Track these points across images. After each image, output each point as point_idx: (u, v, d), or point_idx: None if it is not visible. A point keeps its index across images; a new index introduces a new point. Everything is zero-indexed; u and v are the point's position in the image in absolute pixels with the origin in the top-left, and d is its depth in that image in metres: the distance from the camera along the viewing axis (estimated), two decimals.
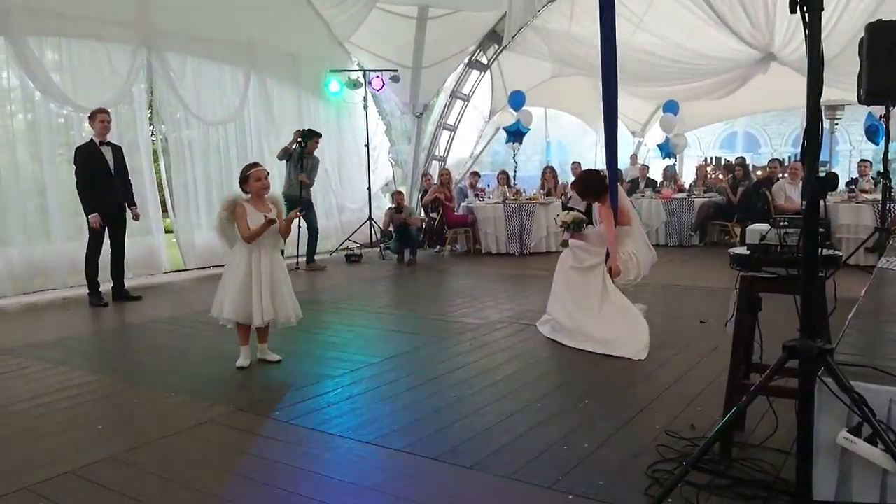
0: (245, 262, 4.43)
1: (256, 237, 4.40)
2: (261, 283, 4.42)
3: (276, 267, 4.52)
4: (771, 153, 21.47)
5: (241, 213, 4.41)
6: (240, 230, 4.43)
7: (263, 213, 4.44)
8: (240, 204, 4.45)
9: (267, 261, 4.47)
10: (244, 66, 9.75)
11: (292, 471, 2.91)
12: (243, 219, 4.40)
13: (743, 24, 9.87)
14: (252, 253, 4.44)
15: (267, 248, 4.48)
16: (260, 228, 4.38)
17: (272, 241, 4.53)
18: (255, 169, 4.54)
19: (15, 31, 7.08)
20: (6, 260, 7.28)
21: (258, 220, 4.39)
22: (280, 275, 4.55)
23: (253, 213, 4.43)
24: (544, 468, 2.86)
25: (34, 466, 2.98)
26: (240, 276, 4.42)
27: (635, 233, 5.42)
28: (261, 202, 4.50)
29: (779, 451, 2.84)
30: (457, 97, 12.91)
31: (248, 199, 4.50)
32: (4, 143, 7.37)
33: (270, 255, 4.50)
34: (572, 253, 5.29)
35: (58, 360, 4.81)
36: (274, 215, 4.47)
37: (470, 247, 11.07)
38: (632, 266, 5.23)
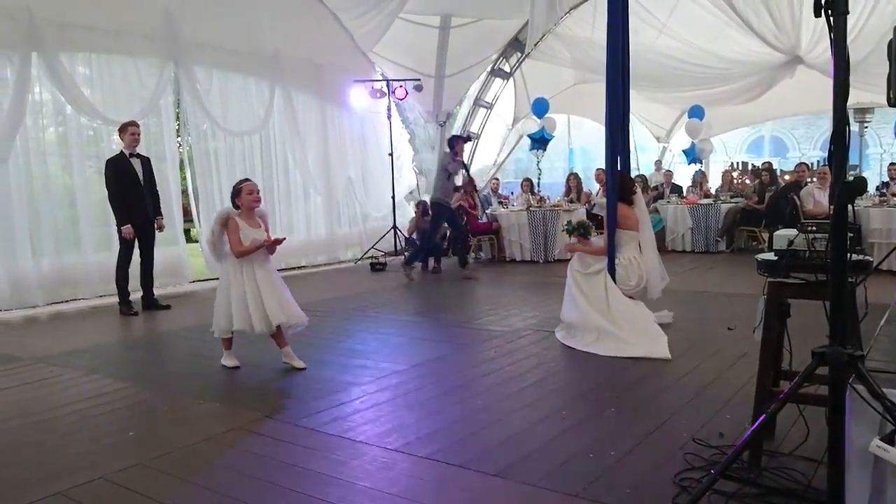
0: (240, 274, 4.55)
1: (245, 255, 4.51)
2: (260, 292, 4.53)
3: (270, 275, 4.65)
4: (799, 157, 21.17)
5: (233, 228, 4.51)
6: (231, 245, 4.53)
7: (253, 227, 4.58)
8: (232, 218, 4.55)
9: (261, 271, 4.59)
10: (269, 77, 9.88)
11: (319, 477, 2.93)
12: (235, 233, 4.50)
13: (768, 26, 9.78)
14: (244, 265, 4.56)
15: (258, 260, 4.60)
16: (250, 249, 4.51)
17: (261, 253, 4.63)
18: (246, 183, 4.64)
19: (47, 48, 7.26)
20: (38, 269, 7.45)
21: (249, 234, 4.52)
22: (277, 280, 4.68)
23: (244, 227, 4.54)
24: (571, 476, 2.84)
25: (68, 472, 3.04)
26: (238, 289, 4.54)
27: (645, 245, 5.44)
28: (251, 217, 4.62)
29: (810, 459, 2.79)
30: (480, 105, 12.96)
31: (240, 214, 4.60)
32: (36, 155, 7.55)
33: (262, 264, 4.62)
34: (579, 258, 5.43)
35: (90, 368, 4.91)
36: (263, 230, 4.62)
37: (494, 254, 11.07)
38: (632, 271, 5.26)
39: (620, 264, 5.25)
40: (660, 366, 4.53)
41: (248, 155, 9.93)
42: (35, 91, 7.49)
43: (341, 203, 11.44)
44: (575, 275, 5.35)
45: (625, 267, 5.25)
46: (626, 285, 5.22)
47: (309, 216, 10.96)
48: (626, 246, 5.32)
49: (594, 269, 5.27)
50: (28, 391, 4.42)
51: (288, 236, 10.19)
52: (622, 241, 5.30)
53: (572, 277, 5.37)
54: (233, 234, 4.50)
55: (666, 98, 14.08)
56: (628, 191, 5.39)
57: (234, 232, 4.50)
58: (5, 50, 7.04)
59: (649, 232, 5.62)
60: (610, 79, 5.23)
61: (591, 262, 5.33)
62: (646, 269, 5.34)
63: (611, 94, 5.24)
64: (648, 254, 5.45)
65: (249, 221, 4.60)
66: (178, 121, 9.36)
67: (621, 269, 5.24)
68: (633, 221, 5.37)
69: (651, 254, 5.48)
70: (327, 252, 11.16)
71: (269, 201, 10.13)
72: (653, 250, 5.54)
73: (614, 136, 5.28)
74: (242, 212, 4.60)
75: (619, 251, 5.29)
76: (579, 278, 5.31)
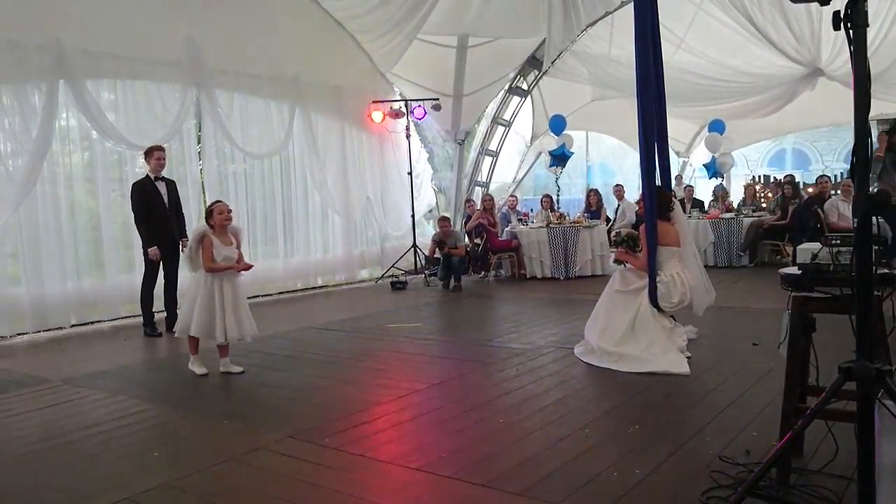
0: (209, 286, 5.04)
1: (216, 272, 5.02)
2: (223, 305, 5.03)
3: (236, 290, 5.14)
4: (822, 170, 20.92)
5: (207, 244, 5.02)
6: (203, 260, 5.03)
7: (226, 244, 5.09)
8: (207, 236, 5.04)
9: (229, 285, 5.09)
10: (289, 100, 10.01)
11: (342, 497, 2.93)
12: (209, 250, 5.01)
13: (787, 39, 9.72)
14: (215, 279, 5.05)
15: (227, 276, 5.10)
16: (220, 267, 5.03)
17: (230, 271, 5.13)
18: (217, 204, 5.20)
19: (74, 76, 7.42)
20: (64, 291, 7.56)
21: (221, 251, 5.04)
22: (240, 297, 5.17)
23: (217, 244, 5.05)
24: (595, 495, 2.81)
25: (95, 493, 3.07)
26: (205, 299, 5.02)
27: (687, 260, 5.34)
28: (223, 234, 5.12)
29: (840, 476, 2.74)
30: (498, 123, 13.00)
31: (214, 232, 5.08)
32: (63, 179, 7.70)
33: (231, 280, 5.12)
34: (621, 275, 5.35)
35: (115, 389, 4.96)
36: (235, 246, 5.15)
37: (514, 272, 11.05)
38: (674, 288, 5.13)
39: (662, 282, 5.12)
40: (684, 383, 4.48)
41: (268, 176, 10.05)
42: (62, 117, 7.66)
43: (360, 223, 11.51)
44: (613, 295, 5.28)
45: (666, 284, 5.12)
46: (668, 303, 5.12)
47: (327, 236, 11.04)
48: (667, 262, 5.20)
49: (635, 287, 5.20)
50: (54, 413, 4.48)
51: (306, 256, 10.47)
52: (663, 257, 5.18)
53: (608, 297, 5.31)
54: (206, 250, 5.01)
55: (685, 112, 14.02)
56: (666, 206, 5.30)
57: (208, 249, 5.01)
58: (34, 79, 7.22)
59: (691, 246, 5.50)
60: (640, 93, 5.16)
61: (634, 279, 5.26)
62: (690, 286, 5.22)
63: (641, 108, 5.17)
64: (692, 268, 5.33)
65: (222, 238, 5.10)
66: (199, 144, 9.50)
67: (663, 286, 5.11)
68: (673, 237, 5.26)
69: (694, 268, 5.36)
70: (346, 271, 11.21)
71: (288, 222, 10.25)
72: (696, 264, 5.43)
73: (649, 151, 5.20)
74: (216, 229, 5.09)
75: (661, 268, 5.16)
76: (617, 298, 5.25)
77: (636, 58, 5.18)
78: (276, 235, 10.13)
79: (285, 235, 10.23)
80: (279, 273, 10.13)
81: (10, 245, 7.34)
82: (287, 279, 10.26)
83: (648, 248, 5.12)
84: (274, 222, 10.09)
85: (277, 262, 10.11)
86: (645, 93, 5.15)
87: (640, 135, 5.22)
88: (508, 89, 12.74)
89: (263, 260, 9.86)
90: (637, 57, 5.17)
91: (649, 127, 5.19)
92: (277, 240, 10.15)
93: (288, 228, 10.27)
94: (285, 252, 10.22)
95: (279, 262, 10.13)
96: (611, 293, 5.32)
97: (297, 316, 8.12)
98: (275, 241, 10.13)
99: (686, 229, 5.51)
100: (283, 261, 10.18)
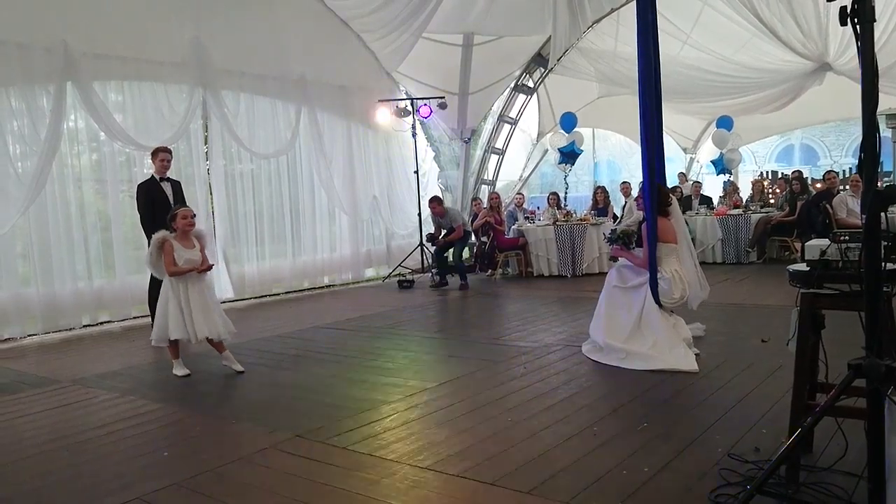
0: (177, 290, 5.14)
1: (178, 275, 5.11)
2: (191, 307, 5.13)
3: (204, 291, 5.26)
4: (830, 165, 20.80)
5: (168, 250, 5.11)
6: (165, 264, 5.13)
7: (188, 248, 5.18)
8: (168, 241, 5.14)
9: (195, 287, 5.18)
10: (295, 100, 10.03)
11: (351, 496, 2.94)
12: (170, 255, 5.10)
13: (794, 34, 9.68)
14: (180, 283, 5.15)
15: (192, 278, 5.18)
16: (182, 270, 5.11)
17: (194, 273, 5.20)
18: (181, 209, 5.30)
19: (81, 77, 7.47)
20: (75, 292, 7.62)
21: (183, 254, 5.13)
22: (207, 298, 5.28)
23: (179, 248, 5.14)
24: (604, 493, 2.81)
25: (105, 492, 3.09)
26: (176, 303, 5.12)
27: (683, 256, 5.33)
28: (185, 238, 5.22)
29: (850, 474, 2.73)
30: (504, 121, 12.99)
31: (175, 236, 5.17)
32: (72, 181, 7.75)
33: (196, 282, 5.21)
34: (618, 272, 5.36)
35: (125, 390, 4.99)
36: (198, 249, 5.23)
37: (521, 270, 11.04)
38: (675, 285, 5.12)
39: (664, 278, 5.10)
40: (692, 381, 4.47)
41: (275, 176, 10.09)
42: (70, 119, 7.71)
43: (367, 222, 11.54)
44: (612, 291, 5.28)
45: (668, 281, 5.11)
46: (669, 299, 5.11)
47: (334, 235, 11.06)
48: (666, 259, 5.19)
49: (633, 284, 5.20)
50: (64, 413, 4.51)
51: (313, 255, 10.50)
52: (662, 254, 5.17)
53: (607, 293, 5.31)
54: (167, 255, 5.11)
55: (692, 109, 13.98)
56: (664, 202, 5.29)
57: (169, 253, 5.10)
58: (42, 81, 7.26)
59: (688, 242, 5.48)
60: (643, 90, 5.14)
61: (631, 276, 5.26)
62: (687, 281, 5.23)
63: (644, 104, 5.15)
64: (687, 264, 5.32)
65: (184, 243, 5.20)
66: (206, 145, 9.53)
67: (665, 283, 5.10)
68: (672, 234, 5.25)
69: (689, 264, 5.35)
70: (353, 270, 11.25)
71: (295, 221, 10.28)
72: (691, 260, 5.41)
73: (650, 148, 5.17)
74: (177, 234, 5.19)
75: (661, 265, 5.15)
76: (617, 294, 5.25)
77: (638, 54, 5.17)
78: (283, 235, 10.17)
79: (292, 235, 10.27)
80: (286, 272, 10.17)
81: (20, 246, 7.40)
82: (294, 279, 10.30)
83: (648, 245, 5.12)
84: (281, 221, 10.13)
85: (285, 261, 10.15)
86: (647, 89, 5.14)
87: (641, 131, 5.21)
88: (514, 87, 12.72)
89: (271, 259, 9.92)
90: (639, 53, 5.15)
91: (650, 124, 5.17)
92: (285, 239, 10.19)
93: (295, 228, 10.31)
94: (293, 251, 10.26)
95: (286, 261, 10.17)
96: (609, 290, 5.32)
97: (305, 315, 8.15)
98: (282, 240, 10.17)
99: (683, 226, 5.49)
100: (290, 260, 10.22)
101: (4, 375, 5.54)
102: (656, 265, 5.10)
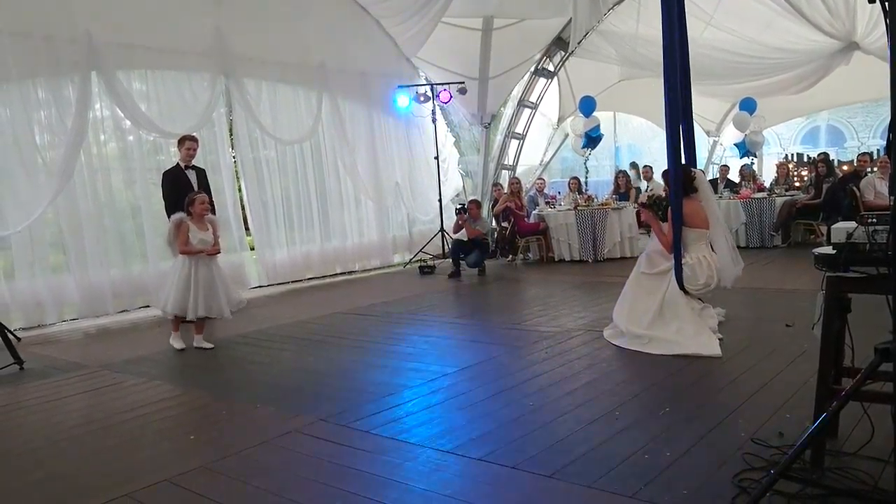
0: (186, 268, 5.62)
1: (188, 254, 5.59)
2: (198, 286, 5.60)
3: (212, 272, 5.72)
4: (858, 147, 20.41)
5: (183, 230, 5.62)
6: (179, 243, 5.64)
7: (202, 230, 5.68)
8: (185, 222, 5.64)
9: (204, 267, 5.67)
10: (316, 87, 10.06)
11: (374, 479, 2.98)
12: (185, 234, 5.61)
13: (820, 13, 9.46)
14: (191, 261, 5.62)
15: (203, 259, 5.67)
16: (193, 250, 5.60)
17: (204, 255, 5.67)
18: (198, 195, 5.83)
19: (106, 67, 7.55)
20: (109, 279, 7.76)
21: (197, 235, 5.63)
22: (214, 278, 5.72)
23: (194, 230, 5.64)
24: (625, 477, 2.82)
25: (134, 475, 3.16)
26: (181, 279, 5.60)
27: (716, 239, 5.23)
28: (201, 222, 5.72)
29: (876, 459, 2.71)
30: (524, 106, 12.90)
31: (191, 219, 5.67)
32: (99, 169, 7.86)
33: (207, 262, 5.71)
34: (647, 258, 5.30)
35: (152, 375, 5.08)
36: (210, 233, 5.73)
37: (542, 255, 11.01)
38: (700, 271, 5.06)
39: (687, 264, 5.04)
40: (715, 365, 4.44)
41: (300, 163, 10.15)
42: (96, 108, 7.80)
43: (391, 208, 11.58)
44: (640, 277, 5.24)
45: (692, 267, 5.05)
46: (694, 285, 5.06)
47: (361, 221, 11.13)
48: (693, 245, 5.11)
49: (660, 270, 5.15)
50: (93, 398, 4.61)
51: (343, 241, 10.58)
52: (689, 239, 5.10)
53: (635, 279, 5.26)
54: (182, 234, 5.61)
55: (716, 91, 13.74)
56: (687, 184, 5.14)
57: (184, 233, 5.61)
58: (67, 71, 7.35)
59: (722, 226, 5.33)
60: (667, 72, 5.05)
61: (660, 261, 5.19)
62: (716, 268, 5.11)
63: (669, 86, 5.05)
64: (721, 247, 5.19)
65: (199, 225, 5.69)
66: (231, 133, 9.62)
67: (688, 269, 5.04)
68: (701, 219, 5.14)
69: (723, 246, 5.21)
70: (381, 256, 11.32)
71: (322, 208, 10.35)
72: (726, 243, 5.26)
73: (675, 130, 5.07)
74: (194, 217, 5.69)
75: (686, 251, 5.08)
76: (644, 280, 5.21)
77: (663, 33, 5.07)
78: (311, 221, 10.26)
79: (321, 221, 10.36)
80: (316, 259, 10.27)
81: (49, 234, 7.53)
82: (324, 265, 10.40)
83: (673, 229, 5.05)
84: (309, 208, 10.22)
85: (314, 247, 10.26)
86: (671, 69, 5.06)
87: (665, 112, 5.12)
88: (534, 71, 12.61)
89: (301, 246, 10.03)
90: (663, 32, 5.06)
91: (675, 104, 5.09)
92: (313, 226, 10.29)
93: (322, 214, 10.39)
94: (321, 238, 10.36)
95: (315, 247, 10.28)
96: (637, 275, 5.28)
97: (328, 301, 8.21)
98: (311, 226, 10.27)
99: (715, 210, 5.35)
100: (319, 246, 10.32)
101: (36, 361, 5.66)
102: (681, 250, 5.05)
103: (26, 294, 7.20)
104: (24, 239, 7.18)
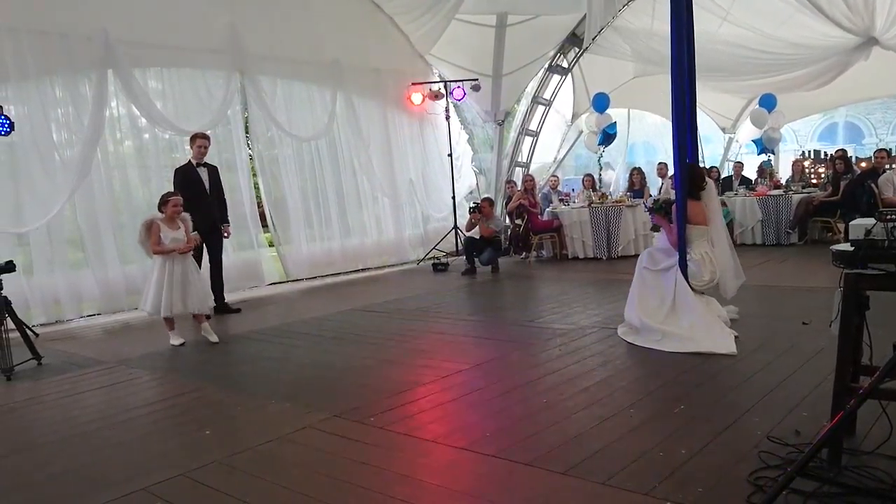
0: (161, 267, 5.73)
1: (162, 254, 5.69)
2: (173, 284, 5.71)
3: (186, 270, 5.81)
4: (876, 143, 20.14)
5: (155, 230, 5.70)
6: (151, 244, 5.72)
7: (174, 229, 5.77)
8: (155, 223, 5.73)
9: (178, 265, 5.76)
10: (331, 84, 10.09)
11: (388, 475, 2.98)
12: (156, 234, 5.69)
13: (839, 8, 9.34)
14: (166, 260, 5.72)
15: (177, 258, 5.75)
16: (165, 249, 5.69)
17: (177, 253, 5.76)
18: (173, 197, 5.90)
19: (121, 65, 7.62)
20: (126, 276, 7.83)
21: (169, 234, 5.73)
22: (190, 275, 5.84)
23: (165, 229, 5.73)
24: (640, 474, 2.80)
25: (150, 469, 3.19)
26: (157, 279, 5.73)
27: (717, 239, 5.26)
28: (172, 221, 5.81)
29: (894, 457, 2.68)
30: (538, 102, 12.86)
31: (163, 219, 5.76)
32: (115, 166, 7.94)
33: (181, 261, 5.79)
34: (649, 255, 5.36)
35: (167, 370, 5.13)
36: (182, 231, 5.82)
37: (556, 252, 10.98)
38: (704, 267, 5.10)
39: (692, 260, 5.10)
40: (731, 363, 4.41)
41: (317, 160, 10.20)
42: (112, 106, 7.87)
43: (405, 205, 11.60)
44: (644, 273, 5.26)
45: (697, 263, 5.10)
46: (699, 281, 5.09)
47: (378, 218, 11.17)
48: (696, 241, 5.17)
49: (664, 266, 5.18)
50: (109, 392, 4.66)
51: (361, 239, 10.60)
52: (692, 236, 5.16)
53: (640, 276, 5.29)
54: (154, 235, 5.69)
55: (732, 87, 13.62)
56: (698, 184, 5.21)
57: (155, 234, 5.69)
58: (84, 69, 7.42)
59: (721, 226, 5.39)
60: (674, 70, 5.07)
61: (662, 258, 5.24)
62: (719, 265, 5.17)
63: (676, 84, 5.07)
64: (721, 249, 5.26)
65: (171, 225, 5.79)
66: (247, 132, 9.68)
67: (693, 265, 5.10)
68: (702, 216, 5.20)
69: (724, 249, 5.28)
70: (397, 253, 11.36)
71: (339, 204, 10.38)
72: (726, 245, 5.33)
73: (681, 128, 5.10)
74: (165, 217, 5.78)
75: (690, 247, 5.14)
76: (648, 276, 5.23)
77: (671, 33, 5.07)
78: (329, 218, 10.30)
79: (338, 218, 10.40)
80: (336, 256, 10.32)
81: (67, 231, 7.60)
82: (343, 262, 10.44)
83: (677, 226, 5.07)
84: (327, 206, 10.25)
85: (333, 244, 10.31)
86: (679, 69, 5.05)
87: (672, 111, 5.14)
88: (548, 68, 12.57)
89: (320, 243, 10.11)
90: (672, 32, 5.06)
91: (682, 103, 5.08)
92: (331, 223, 10.33)
93: (340, 211, 10.43)
94: (340, 234, 10.40)
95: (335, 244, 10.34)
96: (640, 271, 5.30)
97: (342, 298, 8.24)
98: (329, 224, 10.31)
99: (717, 209, 5.40)
100: (338, 243, 10.38)
101: (54, 356, 5.72)
102: (685, 246, 5.07)
103: (45, 290, 7.30)
104: (43, 236, 7.28)
